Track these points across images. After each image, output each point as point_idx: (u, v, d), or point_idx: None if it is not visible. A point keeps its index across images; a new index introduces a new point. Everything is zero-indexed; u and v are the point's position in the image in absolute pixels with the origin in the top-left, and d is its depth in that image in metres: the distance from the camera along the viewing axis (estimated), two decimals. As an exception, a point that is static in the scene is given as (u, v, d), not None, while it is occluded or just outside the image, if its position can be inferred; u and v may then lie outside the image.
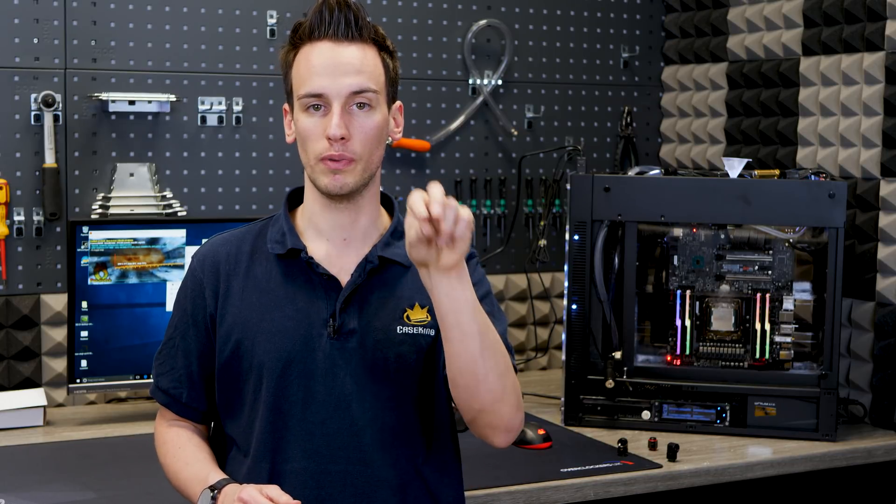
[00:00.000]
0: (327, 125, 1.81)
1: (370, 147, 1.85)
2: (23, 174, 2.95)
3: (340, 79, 1.81)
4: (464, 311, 1.70)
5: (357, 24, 1.84)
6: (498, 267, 3.51)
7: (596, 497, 2.45)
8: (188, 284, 1.95)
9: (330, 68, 1.81)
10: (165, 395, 1.96)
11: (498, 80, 3.48)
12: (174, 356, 1.95)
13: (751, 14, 3.35)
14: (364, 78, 1.83)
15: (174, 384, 1.95)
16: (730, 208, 2.82)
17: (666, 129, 3.72)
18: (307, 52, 1.84)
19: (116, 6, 3.03)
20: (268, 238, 1.92)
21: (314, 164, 1.84)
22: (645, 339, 2.97)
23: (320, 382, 1.84)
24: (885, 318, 2.92)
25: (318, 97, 1.82)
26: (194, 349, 1.93)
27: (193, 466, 1.89)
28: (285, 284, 1.88)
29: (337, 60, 1.82)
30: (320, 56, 1.82)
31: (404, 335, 1.87)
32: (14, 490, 2.28)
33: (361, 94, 1.82)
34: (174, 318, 1.97)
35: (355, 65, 1.82)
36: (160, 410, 2.01)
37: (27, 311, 2.95)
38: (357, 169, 1.84)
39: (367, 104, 1.83)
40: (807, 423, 2.79)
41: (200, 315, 1.92)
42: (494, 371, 1.74)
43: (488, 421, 1.79)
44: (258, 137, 3.21)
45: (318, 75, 1.81)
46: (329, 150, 1.81)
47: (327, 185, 1.84)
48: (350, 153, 1.82)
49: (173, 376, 1.95)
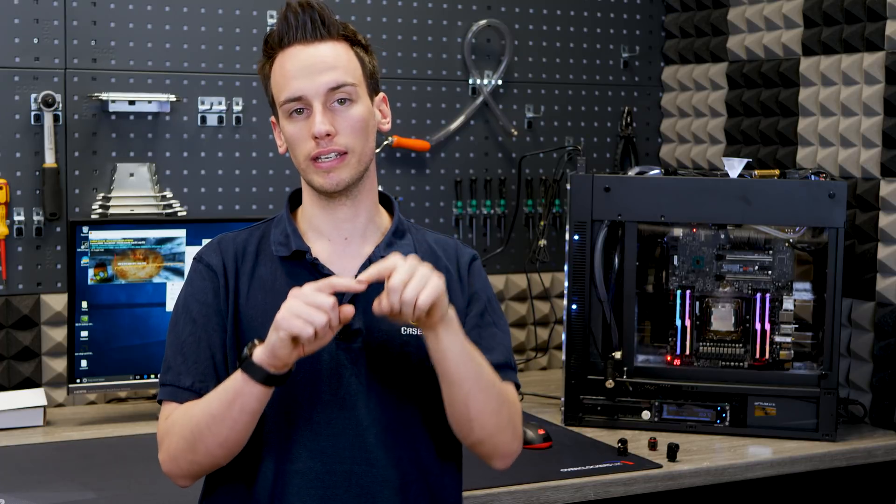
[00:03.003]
0: (311, 125, 1.82)
1: (360, 138, 1.85)
2: (23, 174, 2.95)
3: (316, 77, 1.82)
4: (450, 359, 1.76)
5: (324, 23, 1.85)
6: (498, 267, 3.52)
7: (596, 497, 2.45)
8: (204, 277, 1.89)
9: (304, 70, 1.82)
10: (190, 393, 1.84)
11: (498, 80, 3.48)
12: (197, 350, 1.86)
13: (751, 14, 3.35)
14: (339, 73, 1.83)
15: (199, 377, 1.84)
16: (730, 208, 2.82)
17: (666, 129, 3.72)
18: (281, 60, 1.85)
19: (116, 6, 3.03)
20: (271, 240, 1.92)
21: (305, 165, 1.85)
22: (645, 339, 2.97)
23: (326, 383, 1.84)
24: (885, 318, 2.92)
25: (298, 100, 1.82)
26: (219, 339, 1.86)
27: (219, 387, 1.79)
28: (290, 285, 1.87)
29: (309, 61, 1.83)
30: (293, 60, 1.83)
31: (408, 336, 1.87)
32: (14, 490, 2.28)
33: (340, 90, 1.83)
34: (190, 314, 1.88)
35: (328, 62, 1.83)
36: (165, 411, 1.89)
37: (27, 311, 2.95)
38: (351, 162, 1.84)
39: (348, 98, 1.84)
40: (807, 423, 2.79)
41: (223, 304, 1.87)
42: (487, 410, 1.80)
43: (485, 451, 1.87)
44: (258, 137, 3.21)
45: (293, 79, 1.82)
46: (317, 148, 1.82)
47: (322, 185, 1.84)
48: (340, 146, 1.83)
49: (198, 370, 1.85)
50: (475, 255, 2.00)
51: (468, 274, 1.96)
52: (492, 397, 1.81)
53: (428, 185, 3.43)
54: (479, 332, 1.93)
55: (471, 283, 1.96)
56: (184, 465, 1.83)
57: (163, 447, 1.86)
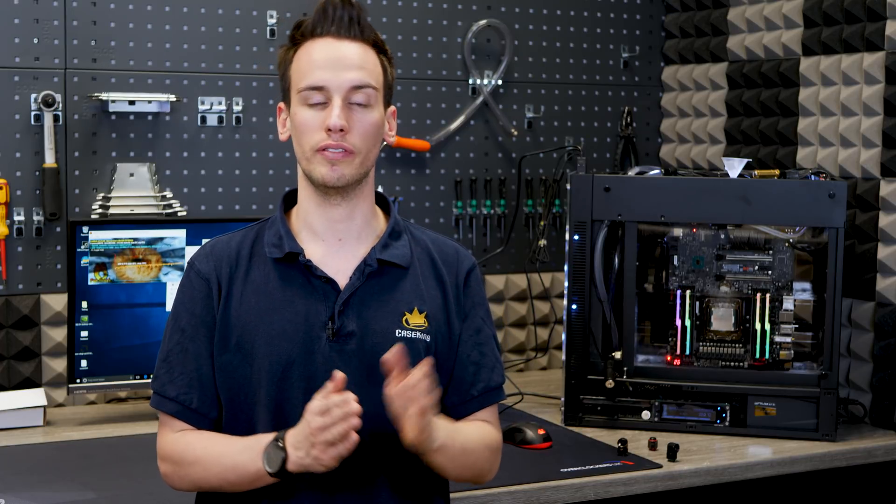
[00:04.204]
0: (327, 117, 1.83)
1: (368, 142, 1.87)
2: (23, 174, 2.95)
3: (342, 73, 1.84)
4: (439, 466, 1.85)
5: (359, 23, 1.87)
6: (498, 267, 3.52)
7: (596, 497, 2.45)
8: (194, 286, 1.91)
9: (332, 62, 1.84)
10: (174, 404, 1.89)
11: (498, 80, 3.48)
12: (183, 361, 1.89)
13: (751, 14, 3.35)
14: (364, 74, 1.85)
15: (183, 390, 1.88)
16: (730, 208, 2.82)
17: (666, 129, 3.72)
18: (308, 48, 1.86)
19: (116, 6, 3.03)
20: (265, 241, 1.92)
21: (310, 155, 1.85)
22: (645, 339, 2.97)
23: (320, 384, 1.84)
24: (885, 318, 2.92)
25: (320, 90, 1.84)
26: (205, 352, 1.89)
27: (235, 444, 1.83)
28: (283, 288, 1.88)
29: (339, 55, 1.84)
30: (322, 51, 1.85)
31: (402, 339, 1.88)
32: (14, 490, 2.28)
33: (361, 90, 1.85)
34: (179, 323, 1.91)
35: (356, 61, 1.85)
36: (163, 425, 1.92)
37: (27, 311, 2.95)
38: (355, 162, 1.85)
39: (366, 100, 1.85)
40: (807, 423, 2.79)
41: (211, 316, 1.89)
42: (467, 472, 1.92)
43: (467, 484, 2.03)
44: (258, 137, 3.21)
45: (319, 69, 1.84)
46: (327, 140, 1.83)
47: (324, 176, 1.84)
48: (349, 145, 1.84)
49: (182, 381, 1.88)
50: (473, 264, 2.01)
51: (465, 285, 1.98)
52: (470, 461, 1.91)
53: (428, 185, 3.43)
54: (480, 349, 1.97)
55: (469, 295, 1.98)
56: (183, 485, 1.90)
57: (162, 461, 1.91)
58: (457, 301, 1.95)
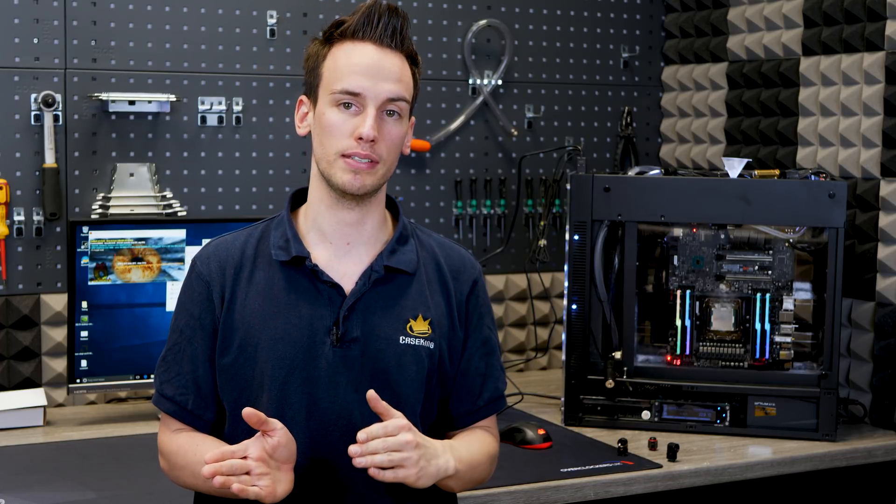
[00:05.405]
0: (359, 125, 1.82)
1: (393, 154, 1.87)
2: (23, 174, 2.95)
3: (381, 83, 1.83)
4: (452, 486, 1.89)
5: (401, 35, 1.86)
6: (498, 267, 3.52)
7: (596, 497, 2.45)
8: (194, 287, 1.90)
9: (373, 70, 1.83)
10: (171, 403, 1.89)
11: (498, 80, 3.48)
12: (180, 362, 1.89)
13: (751, 14, 3.35)
14: (401, 87, 1.85)
15: (180, 390, 1.89)
16: (730, 208, 2.82)
17: (666, 129, 3.72)
18: (348, 50, 1.84)
19: (116, 6, 3.03)
20: (271, 243, 1.90)
21: (333, 158, 1.84)
22: (645, 339, 2.97)
23: (323, 390, 1.84)
24: (885, 318, 2.92)
25: (356, 96, 1.82)
26: (202, 354, 1.89)
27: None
28: (288, 291, 1.87)
29: (380, 64, 1.83)
30: (364, 56, 1.83)
31: (406, 346, 1.88)
32: (14, 490, 2.28)
33: (396, 102, 1.84)
34: (178, 323, 1.91)
35: (395, 73, 1.85)
36: (162, 423, 1.93)
37: (27, 311, 2.95)
38: (379, 172, 1.85)
39: (398, 112, 1.85)
40: (807, 423, 2.79)
41: (209, 318, 1.88)
42: (470, 485, 1.95)
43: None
44: (258, 137, 3.21)
45: (358, 74, 1.82)
46: (355, 148, 1.82)
47: (345, 183, 1.83)
48: (376, 155, 1.83)
49: (179, 382, 1.89)
50: (479, 273, 2.01)
51: (471, 294, 1.98)
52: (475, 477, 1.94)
53: (428, 185, 3.43)
54: (488, 360, 1.98)
55: (475, 305, 1.98)
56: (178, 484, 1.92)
57: (161, 457, 1.92)
58: (460, 309, 1.95)
